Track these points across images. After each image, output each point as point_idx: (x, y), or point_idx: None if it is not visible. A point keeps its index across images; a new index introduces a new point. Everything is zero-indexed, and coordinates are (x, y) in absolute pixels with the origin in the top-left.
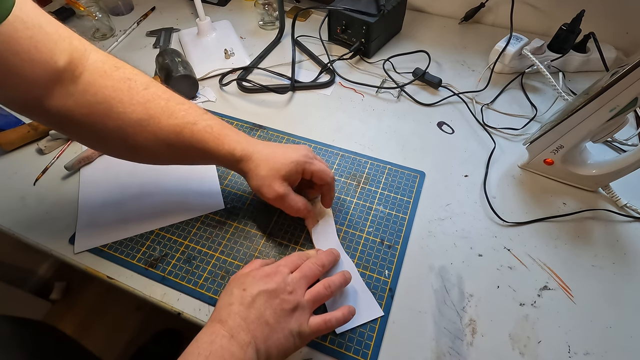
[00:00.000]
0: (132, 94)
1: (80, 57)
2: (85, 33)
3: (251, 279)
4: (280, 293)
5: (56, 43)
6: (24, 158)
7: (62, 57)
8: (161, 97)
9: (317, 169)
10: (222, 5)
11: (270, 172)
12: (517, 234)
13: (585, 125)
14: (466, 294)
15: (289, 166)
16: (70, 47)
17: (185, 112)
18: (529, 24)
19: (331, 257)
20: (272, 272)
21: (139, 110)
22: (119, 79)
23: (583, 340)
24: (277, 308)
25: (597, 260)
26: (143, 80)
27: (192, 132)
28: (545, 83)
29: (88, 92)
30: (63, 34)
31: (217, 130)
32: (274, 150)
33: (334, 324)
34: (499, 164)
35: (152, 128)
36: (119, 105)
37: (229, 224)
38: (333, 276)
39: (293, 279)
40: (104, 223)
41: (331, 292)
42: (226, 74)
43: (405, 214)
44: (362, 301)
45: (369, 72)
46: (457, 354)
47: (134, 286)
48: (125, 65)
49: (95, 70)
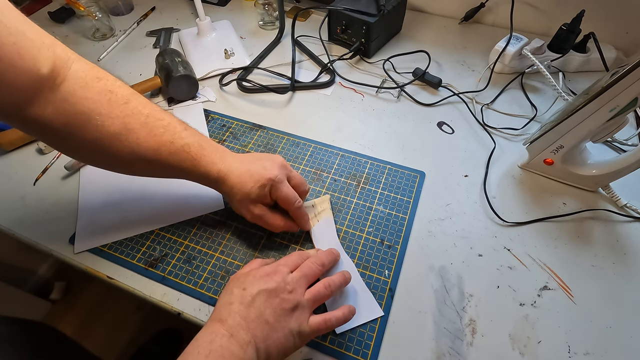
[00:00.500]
0: (111, 107)
1: (63, 65)
2: (85, 33)
3: (251, 279)
4: (280, 292)
5: (39, 50)
6: (24, 158)
7: (45, 64)
8: (141, 112)
9: (282, 195)
10: (222, 5)
11: (242, 196)
12: (517, 234)
13: (585, 125)
14: (466, 294)
15: (256, 190)
16: (53, 55)
17: (164, 129)
18: (529, 24)
19: (331, 256)
20: (272, 271)
21: (117, 124)
22: (100, 90)
23: (583, 340)
24: (277, 307)
25: (597, 260)
26: (124, 93)
27: (169, 152)
28: (545, 83)
29: (67, 101)
30: (46, 42)
31: (195, 150)
32: (244, 169)
33: (334, 324)
34: (499, 164)
35: (129, 143)
36: (97, 118)
37: (229, 224)
38: (333, 276)
39: (293, 278)
40: (104, 223)
41: (331, 292)
42: (226, 74)
43: (405, 214)
44: (362, 301)
45: (369, 72)
46: (457, 354)
47: (134, 286)
48: (107, 77)
49: (76, 80)
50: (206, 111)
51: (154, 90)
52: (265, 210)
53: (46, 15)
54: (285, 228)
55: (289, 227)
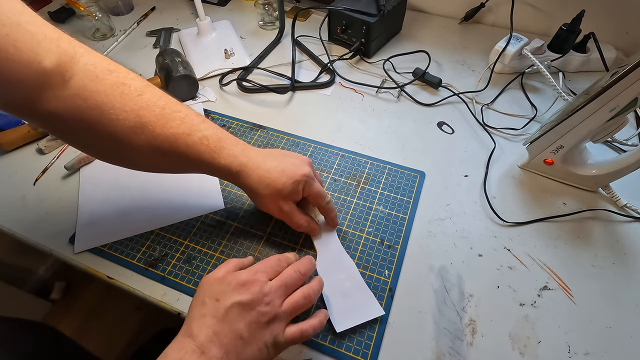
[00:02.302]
0: (124, 100)
1: (70, 60)
2: (85, 33)
3: (225, 287)
4: (256, 305)
5: (39, 43)
6: (24, 158)
7: (47, 57)
8: (156, 104)
9: (314, 191)
10: (222, 5)
11: (272, 191)
12: (517, 234)
13: (585, 125)
14: (466, 294)
15: (290, 187)
16: (58, 49)
17: (180, 121)
18: (529, 24)
19: (311, 264)
20: (249, 280)
21: (132, 117)
22: (112, 83)
23: (583, 340)
24: (252, 321)
25: (597, 260)
26: (138, 85)
27: (186, 144)
28: (545, 83)
29: (79, 96)
30: (49, 34)
31: (213, 142)
32: (274, 165)
33: (310, 333)
34: (499, 164)
35: (146, 136)
36: (111, 112)
37: (229, 224)
38: (311, 283)
39: (271, 288)
40: (104, 223)
41: (310, 302)
42: (226, 74)
43: (405, 214)
44: (363, 300)
45: (369, 72)
46: (457, 354)
47: (134, 286)
48: (119, 69)
49: (86, 74)
50: (206, 111)
51: None
52: (294, 207)
53: (46, 15)
54: (306, 228)
55: (311, 227)
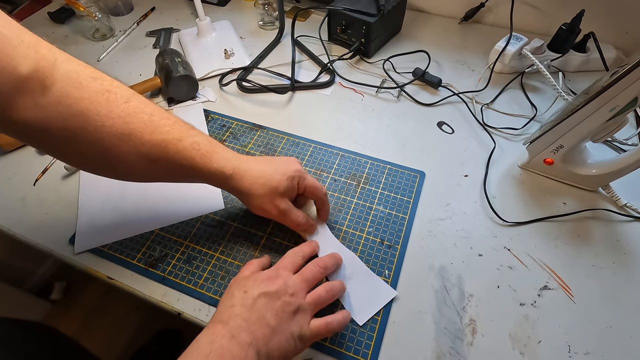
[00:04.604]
0: (111, 106)
1: (50, 66)
2: (85, 33)
3: (252, 282)
4: (281, 295)
5: (15, 48)
6: (24, 158)
7: (24, 62)
8: (144, 111)
9: (310, 184)
10: (222, 5)
11: (268, 190)
12: (517, 234)
13: (585, 125)
14: (466, 294)
15: (285, 182)
16: (36, 54)
17: (170, 128)
18: (529, 24)
19: (334, 260)
20: (273, 275)
21: (119, 124)
22: (96, 90)
23: (583, 340)
24: (278, 310)
25: (597, 260)
26: (124, 93)
27: (177, 149)
28: (545, 83)
29: (61, 104)
30: (26, 40)
31: (205, 147)
32: (266, 167)
33: (335, 327)
34: (499, 163)
35: (134, 143)
36: (97, 119)
37: (229, 224)
38: (334, 281)
39: (294, 281)
40: (104, 223)
41: (332, 296)
42: (226, 74)
43: (405, 214)
44: (373, 287)
45: (369, 72)
46: (457, 354)
47: (134, 286)
48: (103, 77)
49: (69, 81)
50: (206, 111)
51: (154, 90)
52: (290, 205)
53: (46, 15)
54: (305, 226)
55: (308, 226)
